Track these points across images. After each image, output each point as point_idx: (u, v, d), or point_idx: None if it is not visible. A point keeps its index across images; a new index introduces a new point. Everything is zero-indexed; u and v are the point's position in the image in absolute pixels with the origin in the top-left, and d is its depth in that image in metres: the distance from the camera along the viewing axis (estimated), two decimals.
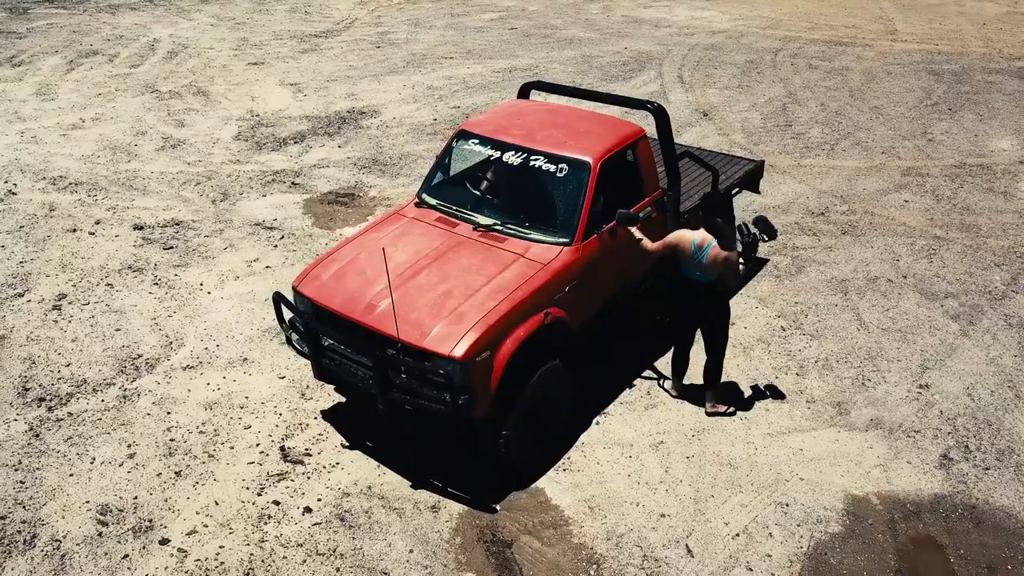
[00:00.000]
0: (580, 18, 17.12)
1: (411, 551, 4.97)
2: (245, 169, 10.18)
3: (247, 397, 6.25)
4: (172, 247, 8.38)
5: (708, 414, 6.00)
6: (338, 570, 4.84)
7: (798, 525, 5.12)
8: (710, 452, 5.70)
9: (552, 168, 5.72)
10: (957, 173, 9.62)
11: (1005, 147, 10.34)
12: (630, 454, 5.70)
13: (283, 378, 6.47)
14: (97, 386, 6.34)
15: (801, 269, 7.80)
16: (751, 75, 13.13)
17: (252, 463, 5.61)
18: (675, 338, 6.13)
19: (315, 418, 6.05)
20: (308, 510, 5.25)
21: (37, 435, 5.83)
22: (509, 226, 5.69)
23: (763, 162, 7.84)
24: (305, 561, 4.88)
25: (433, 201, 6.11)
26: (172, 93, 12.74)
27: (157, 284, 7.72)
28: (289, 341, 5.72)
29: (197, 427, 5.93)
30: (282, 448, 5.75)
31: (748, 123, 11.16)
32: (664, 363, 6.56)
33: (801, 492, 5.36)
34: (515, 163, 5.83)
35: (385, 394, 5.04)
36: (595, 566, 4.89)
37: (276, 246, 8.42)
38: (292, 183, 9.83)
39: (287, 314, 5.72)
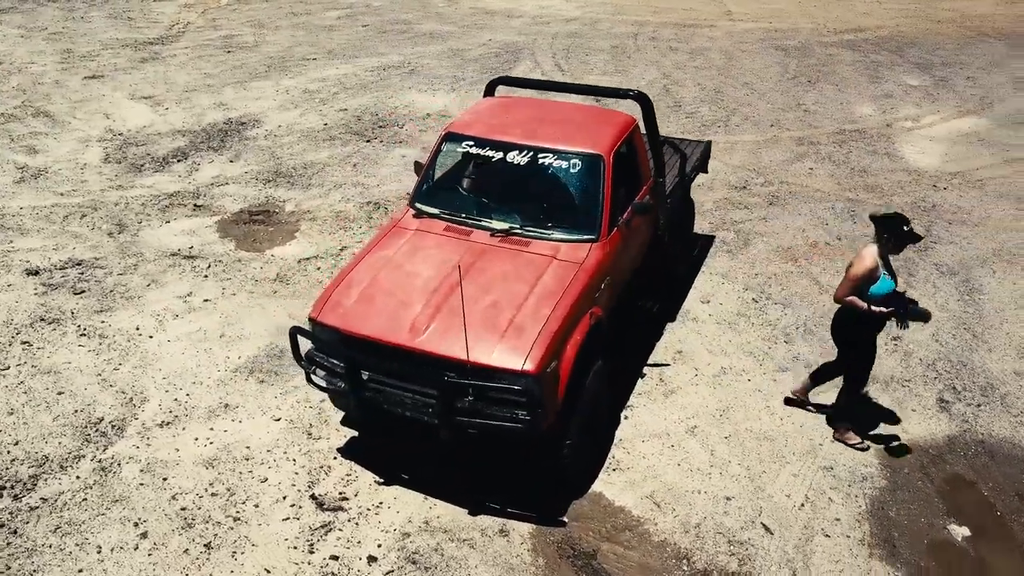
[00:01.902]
0: (429, 12, 16.85)
1: None
2: (132, 195, 9.14)
3: (248, 447, 5.63)
4: (83, 290, 7.36)
5: (835, 439, 5.70)
6: None
7: (849, 486, 5.36)
8: (743, 429, 5.83)
9: (564, 164, 5.57)
10: (842, 139, 10.44)
11: (868, 112, 11.34)
12: (670, 443, 5.71)
13: (279, 420, 5.88)
14: (64, 462, 5.45)
15: (748, 242, 8.14)
16: (622, 60, 13.51)
17: (288, 519, 5.06)
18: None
19: (334, 458, 5.56)
20: (373, 559, 4.81)
21: (14, 531, 4.92)
22: (529, 228, 5.48)
23: (711, 142, 8.09)
24: None
25: (433, 210, 5.77)
26: (7, 116, 11.19)
27: (85, 335, 6.75)
28: (310, 379, 5.20)
29: (206, 489, 5.26)
30: (313, 497, 5.23)
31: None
32: (662, 347, 6.64)
33: (837, 454, 5.62)
34: (521, 162, 5.62)
35: (449, 421, 4.70)
36: (685, 560, 4.86)
37: (206, 276, 7.63)
38: (195, 205, 8.94)
39: (303, 349, 5.19)
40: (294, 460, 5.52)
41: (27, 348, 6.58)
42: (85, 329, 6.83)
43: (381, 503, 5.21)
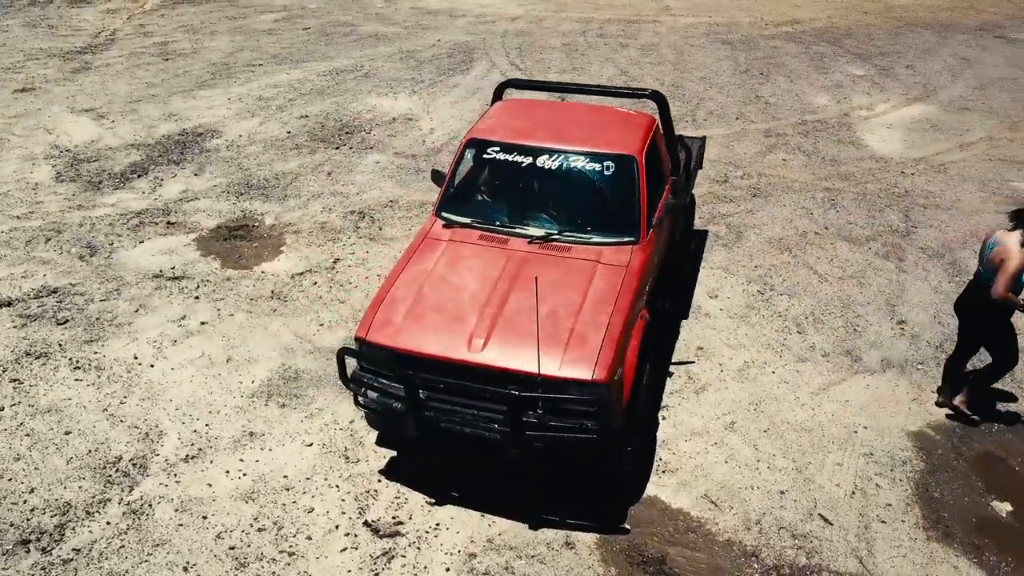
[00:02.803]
0: (369, 13, 16.50)
1: None
2: (97, 215, 8.62)
3: (285, 476, 5.37)
4: (66, 320, 6.89)
5: (942, 404, 5.87)
6: None
7: (891, 471, 5.50)
8: (779, 421, 5.91)
9: (597, 167, 5.51)
10: (806, 130, 10.72)
11: (824, 102, 11.69)
12: (712, 441, 5.73)
13: (311, 445, 5.64)
14: (89, 507, 5.08)
15: (740, 235, 8.27)
16: (577, 57, 13.53)
17: (346, 549, 4.85)
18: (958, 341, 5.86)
19: (379, 481, 5.36)
20: None
21: None
22: (568, 233, 5.40)
23: (705, 138, 8.17)
24: None
25: (463, 219, 5.62)
26: None
27: (79, 368, 6.32)
28: (358, 402, 4.98)
29: (251, 525, 4.99)
30: (367, 523, 5.03)
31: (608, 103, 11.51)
32: (682, 344, 6.67)
33: (872, 440, 5.75)
34: (552, 167, 5.54)
35: (517, 436, 4.58)
36: (754, 558, 4.88)
37: (197, 298, 7.25)
38: (167, 223, 8.50)
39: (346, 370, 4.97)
40: (337, 486, 5.29)
41: (18, 386, 6.10)
42: (78, 361, 6.39)
43: (438, 524, 5.05)
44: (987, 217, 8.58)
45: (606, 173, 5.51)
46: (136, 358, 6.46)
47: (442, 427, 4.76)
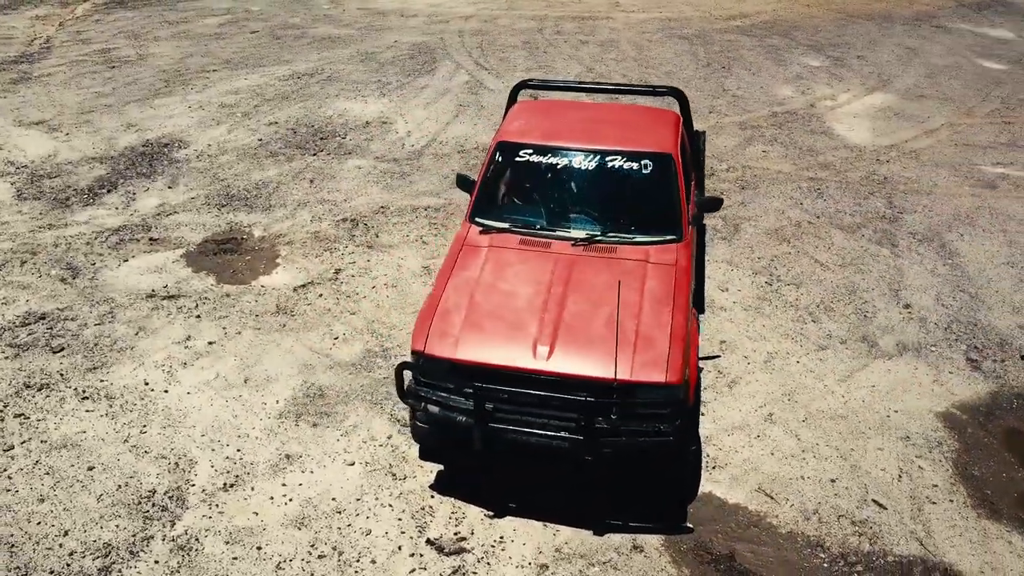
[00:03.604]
0: (317, 15, 16.12)
1: None
2: (70, 234, 8.16)
3: (334, 499, 5.17)
4: (62, 347, 6.49)
5: None
6: None
7: (930, 452, 5.64)
8: (814, 410, 5.99)
9: (635, 166, 5.48)
10: (778, 122, 10.94)
11: (789, 94, 11.96)
12: (755, 434, 5.77)
13: (353, 464, 5.44)
14: (132, 546, 4.78)
15: (737, 228, 8.37)
16: (540, 56, 13.49)
17: (414, 571, 4.69)
18: None
19: (432, 496, 5.21)
20: None
21: None
22: (611, 234, 5.35)
23: (704, 132, 8.23)
24: None
25: (501, 224, 5.51)
26: None
27: (88, 398, 5.96)
28: (415, 417, 4.82)
29: (310, 553, 4.78)
30: (430, 542, 4.88)
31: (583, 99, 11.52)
32: (704, 339, 6.70)
33: (905, 423, 5.89)
34: (589, 167, 5.48)
35: (593, 443, 4.51)
36: (819, 547, 4.93)
37: (198, 317, 6.93)
38: (150, 239, 8.11)
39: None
40: (390, 506, 5.12)
41: (25, 422, 5.71)
42: (84, 391, 6.02)
43: (502, 538, 4.94)
44: (965, 200, 8.91)
45: (644, 172, 5.48)
46: (147, 384, 6.13)
47: (508, 438, 4.65)
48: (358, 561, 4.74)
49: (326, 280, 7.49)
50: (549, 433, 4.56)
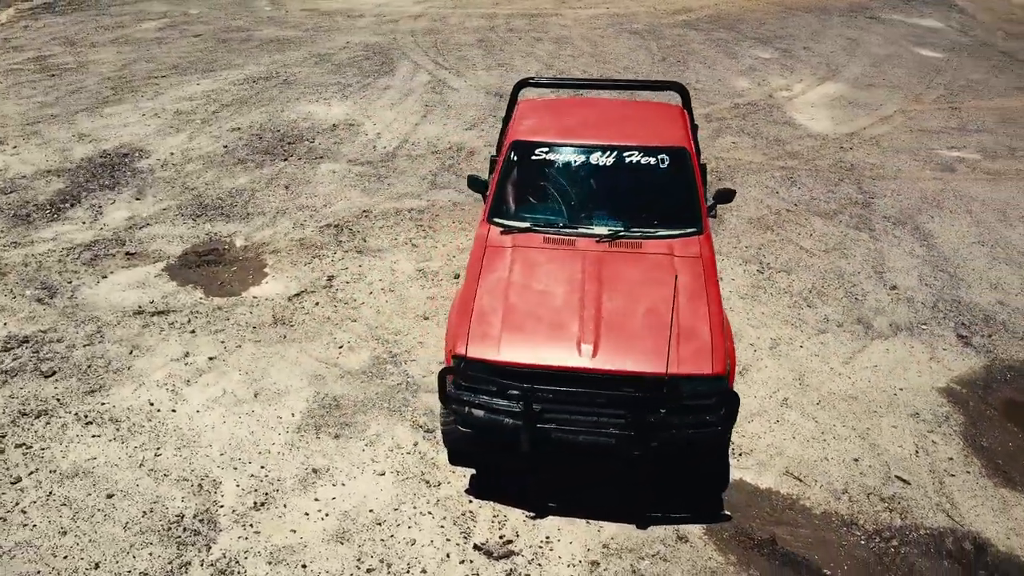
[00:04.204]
0: (260, 17, 15.73)
1: None
2: (39, 251, 7.78)
3: (371, 510, 5.06)
4: (53, 371, 6.18)
5: None
6: None
7: (940, 426, 5.86)
8: (825, 392, 6.16)
9: (652, 161, 5.52)
10: (741, 113, 11.19)
11: (747, 86, 12.24)
12: (774, 419, 5.89)
13: (383, 474, 5.34)
14: (169, 574, 4.57)
15: (721, 218, 8.53)
16: (497, 53, 13.47)
17: None
18: None
19: (470, 502, 5.15)
20: None
21: None
22: (634, 230, 5.38)
23: (697, 125, 8.35)
24: None
25: (521, 223, 5.48)
26: None
27: (91, 423, 5.69)
28: (456, 422, 4.75)
29: (358, 567, 4.67)
30: (477, 547, 4.83)
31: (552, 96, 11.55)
32: None
33: (913, 400, 6.11)
34: (607, 163, 5.50)
35: (644, 439, 4.53)
36: (854, 526, 5.07)
37: (193, 332, 6.69)
38: (126, 254, 7.79)
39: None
40: (430, 513, 5.05)
41: (28, 451, 5.41)
42: (86, 416, 5.74)
43: (548, 538, 4.92)
44: (929, 184, 9.28)
45: (662, 166, 5.53)
46: (152, 404, 5.88)
47: (556, 438, 4.63)
48: (408, 572, 4.65)
49: (320, 288, 7.32)
50: (598, 431, 4.55)
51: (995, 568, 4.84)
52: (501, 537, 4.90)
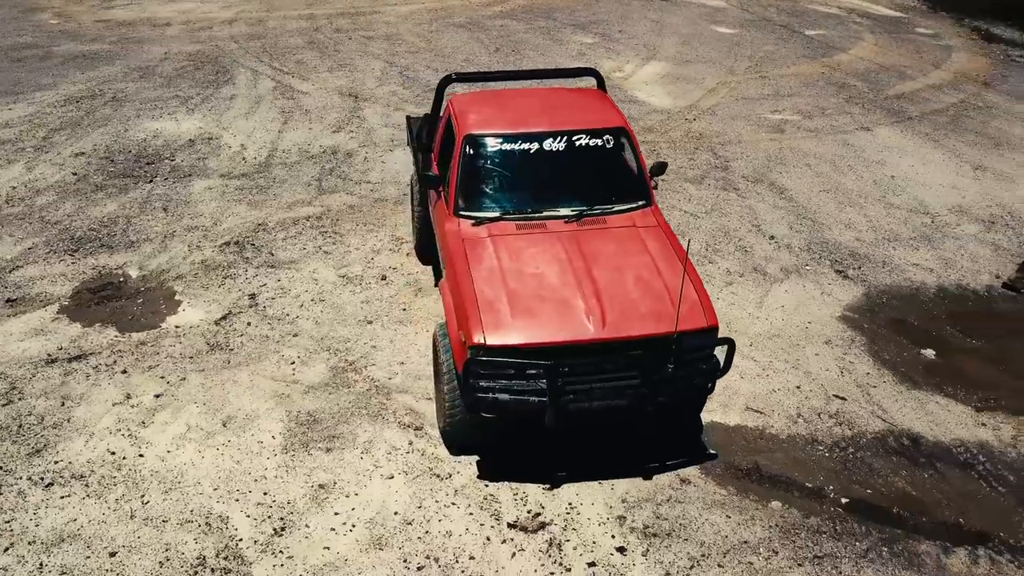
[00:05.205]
0: (49, 31, 14.32)
1: (728, 517, 5.15)
2: None
3: (396, 513, 5.09)
4: None
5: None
6: (720, 566, 4.81)
7: (850, 347, 6.79)
8: (752, 335, 6.89)
9: (599, 142, 5.90)
10: None
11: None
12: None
13: (392, 477, 5.37)
14: None
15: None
16: (333, 55, 13.26)
17: (515, 554, 4.82)
18: None
19: (486, 486, 5.32)
20: (621, 549, 4.89)
21: None
22: (596, 207, 5.75)
23: None
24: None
25: (490, 213, 5.67)
26: None
27: (53, 484, 5.21)
28: (490, 408, 4.89)
29: (407, 568, 4.71)
30: (511, 526, 5.02)
31: (412, 95, 11.60)
32: None
33: (821, 330, 7.00)
34: (559, 148, 5.81)
35: (656, 396, 4.94)
36: (816, 443, 5.81)
37: (124, 372, 6.26)
38: (6, 301, 7.05)
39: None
40: (454, 504, 5.16)
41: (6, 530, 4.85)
42: (42, 477, 5.24)
43: (571, 504, 5.21)
44: (768, 144, 10.45)
45: (608, 147, 5.92)
46: (114, 453, 5.46)
47: (572, 409, 4.92)
48: (458, 562, 4.75)
49: (245, 308, 7.04)
50: (613, 395, 4.89)
51: (930, 455, 5.76)
52: (529, 512, 5.12)
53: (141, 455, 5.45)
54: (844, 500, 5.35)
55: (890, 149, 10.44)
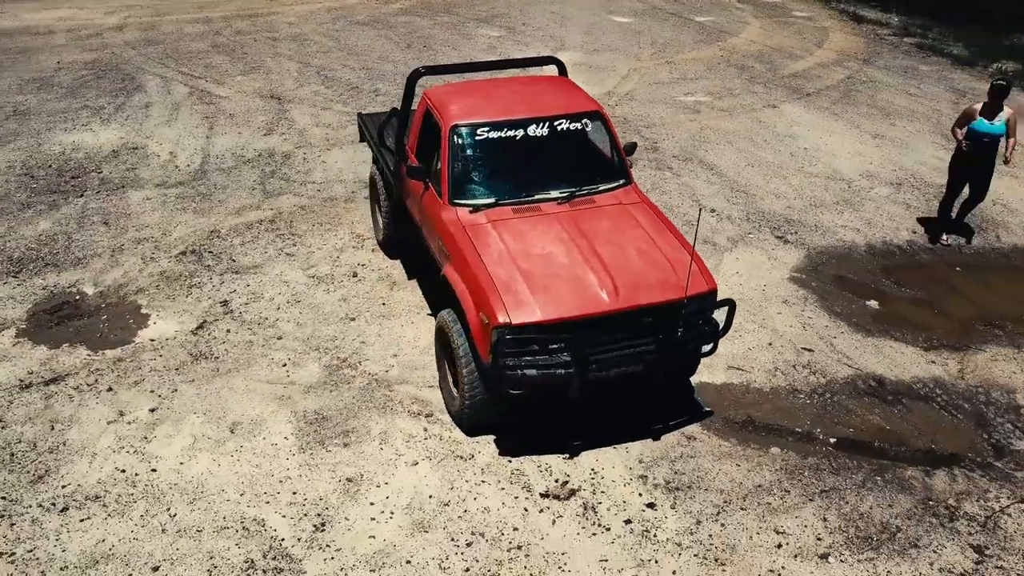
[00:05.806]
0: None
1: (738, 465, 5.55)
2: None
3: (431, 496, 5.20)
4: None
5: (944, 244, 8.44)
6: (743, 509, 5.19)
7: (805, 305, 7.36)
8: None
9: (578, 126, 6.15)
10: None
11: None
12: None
13: (416, 463, 5.47)
14: None
15: None
16: (242, 57, 12.94)
17: (555, 521, 5.04)
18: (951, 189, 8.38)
19: (509, 462, 5.51)
20: (651, 506, 5.20)
21: None
22: (584, 188, 6.00)
23: None
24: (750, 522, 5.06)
25: (485, 200, 5.83)
26: None
27: (68, 508, 5.02)
28: (519, 384, 5.06)
29: (455, 545, 4.84)
30: (544, 495, 5.23)
31: (336, 95, 11.49)
32: None
33: (776, 292, 7.54)
34: (543, 133, 6.02)
35: (669, 358, 5.26)
36: (796, 391, 6.31)
37: (110, 389, 6.06)
38: None
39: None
40: (484, 482, 5.32)
41: (13, 559, 4.63)
42: (54, 503, 5.02)
43: (593, 470, 5.47)
44: (689, 125, 11.03)
45: (586, 130, 6.18)
46: (124, 471, 5.29)
47: (592, 378, 5.17)
48: (503, 534, 4.92)
49: (221, 315, 6.90)
50: (629, 361, 5.18)
51: (895, 392, 6.37)
52: (556, 480, 5.34)
53: (154, 470, 5.30)
54: (832, 440, 5.85)
55: (798, 123, 11.23)
